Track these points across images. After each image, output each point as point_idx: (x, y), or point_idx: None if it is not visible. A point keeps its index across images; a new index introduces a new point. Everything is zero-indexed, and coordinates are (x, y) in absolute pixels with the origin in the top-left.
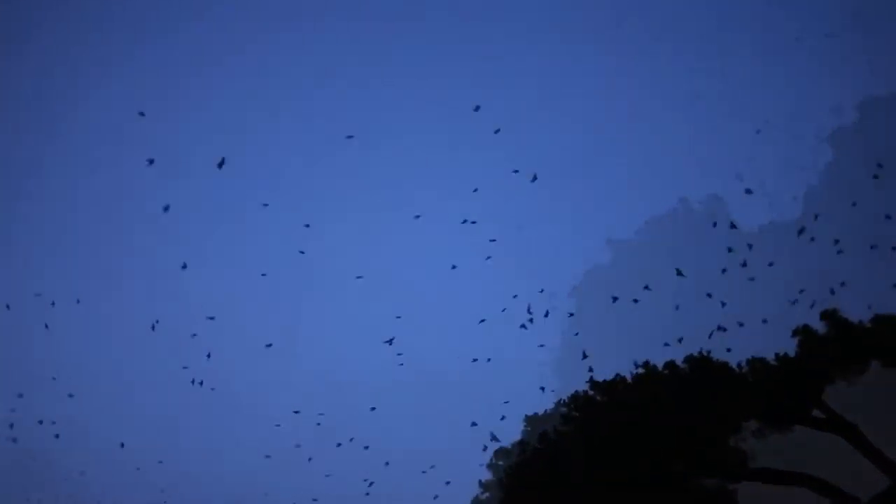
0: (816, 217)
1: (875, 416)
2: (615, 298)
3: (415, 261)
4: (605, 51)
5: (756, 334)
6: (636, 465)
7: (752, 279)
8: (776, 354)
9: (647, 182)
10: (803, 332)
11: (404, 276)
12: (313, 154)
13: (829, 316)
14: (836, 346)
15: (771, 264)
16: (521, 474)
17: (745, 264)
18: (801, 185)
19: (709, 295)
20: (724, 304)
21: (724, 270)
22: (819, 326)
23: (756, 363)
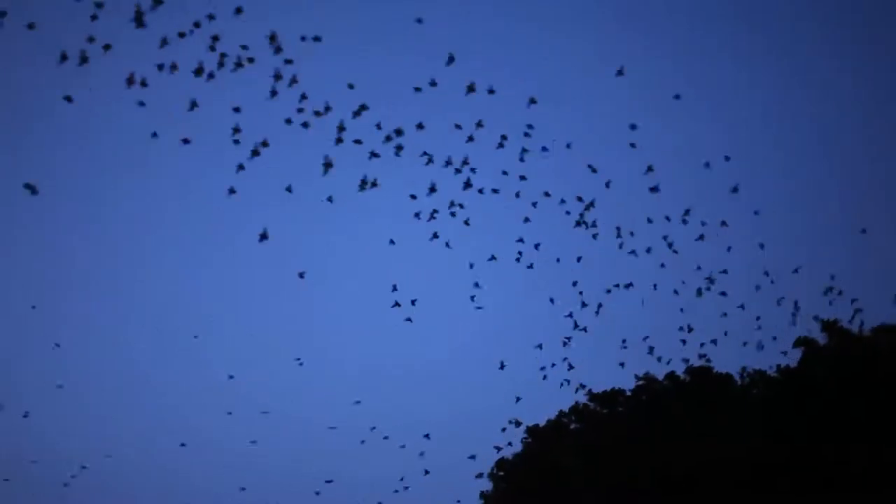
0: None
1: None
2: None
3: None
4: None
5: None
6: (635, 473)
7: None
8: (777, 366)
9: None
10: (805, 344)
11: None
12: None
13: (829, 326)
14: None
15: None
16: (521, 484)
17: None
18: None
19: None
20: None
21: None
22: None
23: (756, 375)
